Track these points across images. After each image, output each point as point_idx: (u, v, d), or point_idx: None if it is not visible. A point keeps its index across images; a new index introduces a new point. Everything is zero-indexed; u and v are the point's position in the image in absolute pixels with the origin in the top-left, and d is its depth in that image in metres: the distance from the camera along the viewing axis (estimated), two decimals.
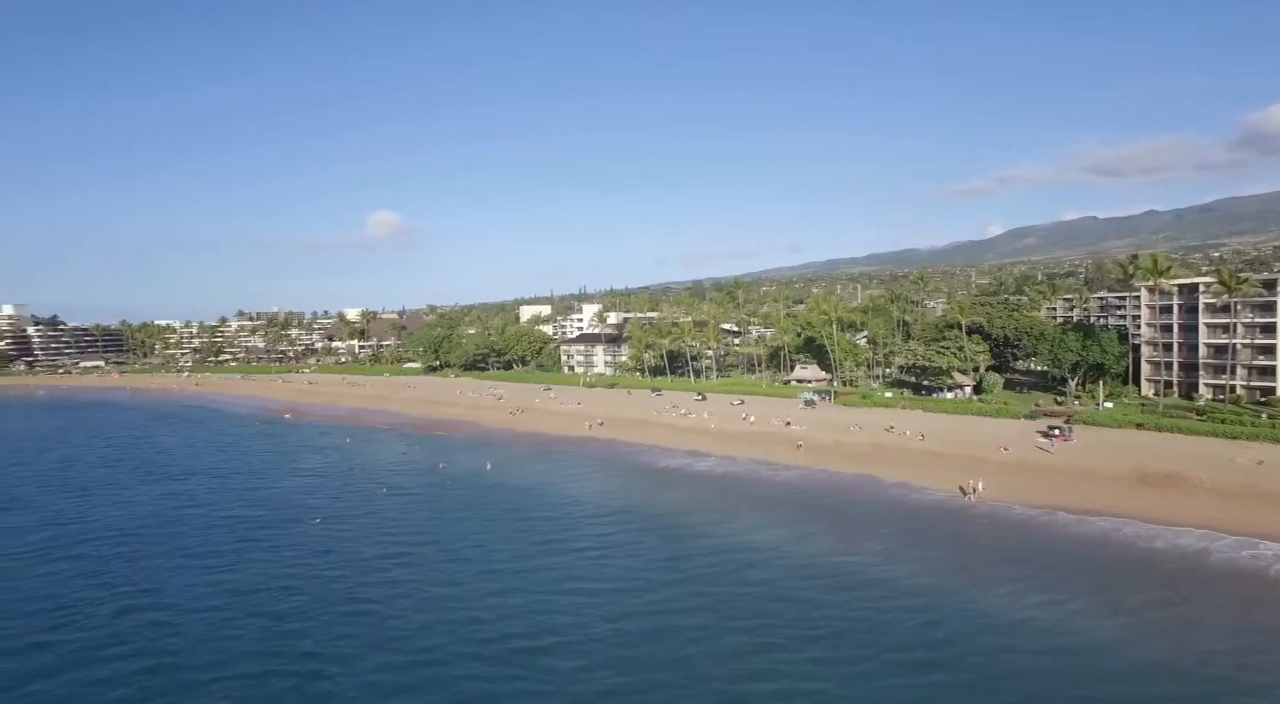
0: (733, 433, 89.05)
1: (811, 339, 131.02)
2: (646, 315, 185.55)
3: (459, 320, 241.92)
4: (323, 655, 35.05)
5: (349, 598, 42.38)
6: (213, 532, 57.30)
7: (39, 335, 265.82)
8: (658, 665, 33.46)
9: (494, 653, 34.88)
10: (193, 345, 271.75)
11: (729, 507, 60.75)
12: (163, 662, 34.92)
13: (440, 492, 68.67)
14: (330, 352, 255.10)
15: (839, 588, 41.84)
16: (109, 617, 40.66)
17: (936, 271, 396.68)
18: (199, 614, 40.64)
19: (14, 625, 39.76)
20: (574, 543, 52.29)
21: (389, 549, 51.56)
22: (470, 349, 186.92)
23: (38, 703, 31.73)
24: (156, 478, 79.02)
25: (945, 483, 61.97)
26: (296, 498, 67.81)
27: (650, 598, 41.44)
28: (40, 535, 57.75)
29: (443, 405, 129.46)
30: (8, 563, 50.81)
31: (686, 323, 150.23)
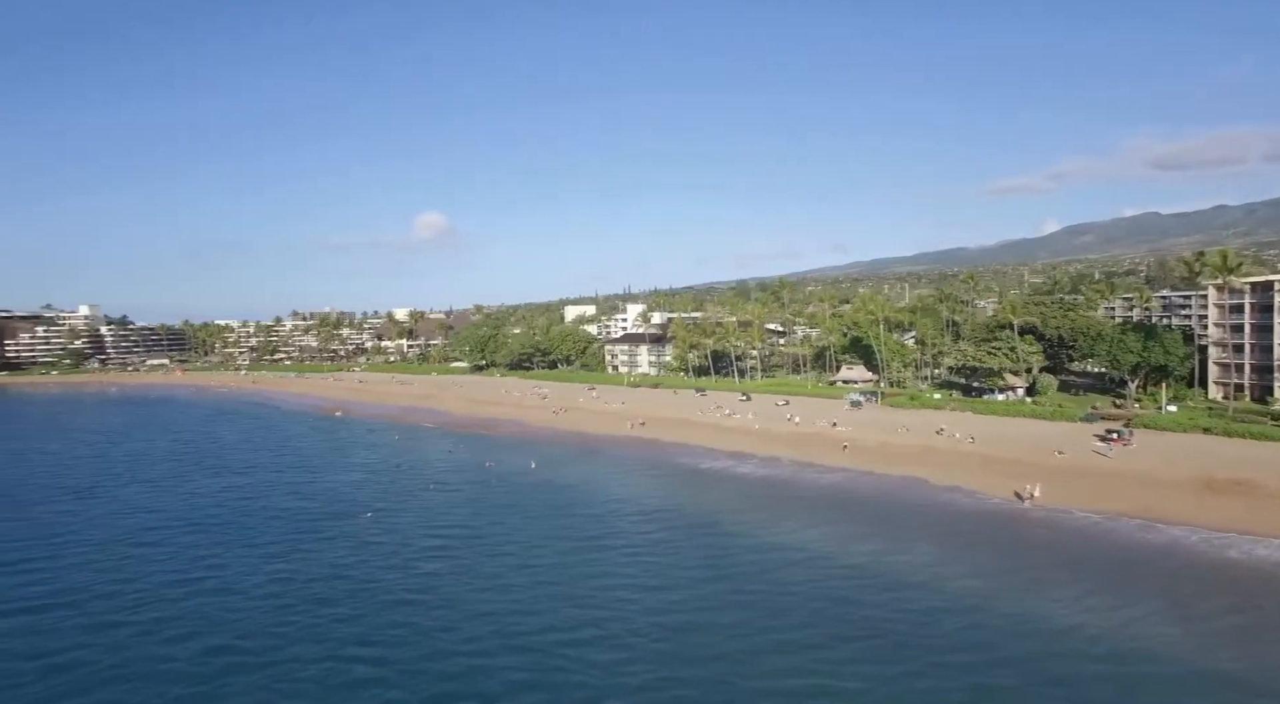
0: (777, 434, 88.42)
1: (858, 339, 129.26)
2: (691, 315, 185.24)
3: (505, 320, 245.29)
4: (373, 642, 36.20)
5: (398, 588, 43.58)
6: (271, 523, 59.33)
7: (111, 335, 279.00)
8: (698, 661, 33.63)
9: (537, 644, 35.55)
10: (250, 344, 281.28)
11: (772, 507, 60.36)
12: (225, 643, 36.44)
13: (485, 489, 69.82)
14: (380, 351, 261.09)
15: (884, 590, 41.26)
16: (177, 599, 42.56)
17: (987, 271, 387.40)
18: (258, 600, 42.21)
19: (94, 604, 42.05)
20: (616, 540, 52.68)
21: (436, 542, 52.75)
22: (516, 349, 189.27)
23: (114, 675, 33.42)
24: (218, 471, 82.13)
25: (998, 487, 60.47)
26: (348, 493, 69.72)
27: (691, 595, 41.66)
28: (115, 522, 60.64)
29: (488, 404, 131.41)
30: (87, 548, 53.54)
31: (731, 323, 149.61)
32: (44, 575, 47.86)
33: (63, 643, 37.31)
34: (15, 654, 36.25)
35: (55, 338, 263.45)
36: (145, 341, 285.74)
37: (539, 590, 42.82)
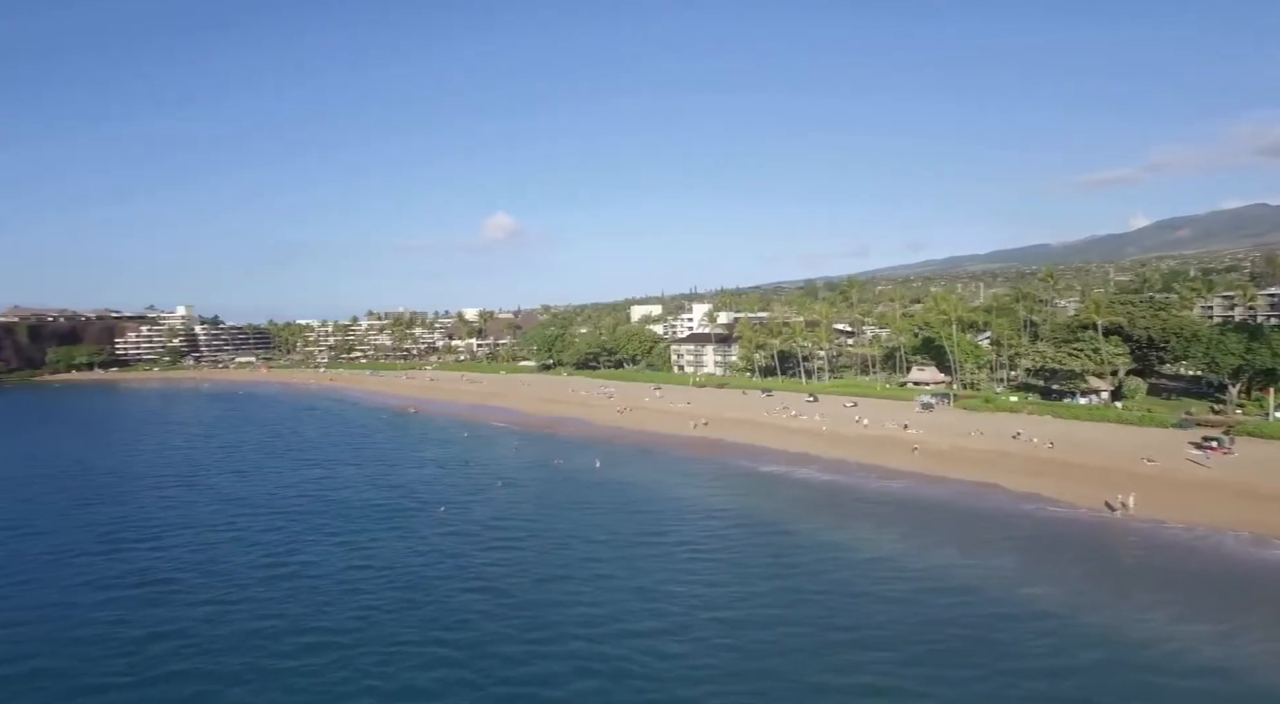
0: (845, 435, 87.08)
1: (930, 340, 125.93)
2: (757, 315, 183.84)
3: (571, 320, 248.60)
4: (447, 628, 37.85)
5: (471, 578, 45.24)
6: (351, 514, 62.04)
7: (204, 333, 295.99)
8: (760, 656, 33.99)
9: (602, 634, 36.69)
10: (328, 343, 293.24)
11: (838, 510, 59.59)
12: (306, 625, 38.54)
13: (551, 485, 71.23)
14: (450, 350, 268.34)
15: (955, 597, 40.32)
16: (265, 582, 45.11)
17: (1069, 268, 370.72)
18: (340, 589, 44.27)
19: (194, 583, 45.03)
20: (678, 538, 53.11)
21: (506, 536, 54.30)
22: (582, 348, 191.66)
23: (208, 646, 35.87)
24: (302, 464, 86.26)
25: (1081, 495, 58.06)
26: (422, 486, 72.25)
27: (754, 592, 41.90)
28: (210, 509, 64.59)
29: (555, 403, 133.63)
30: (186, 532, 57.29)
31: (798, 323, 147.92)
32: (152, 555, 51.54)
33: (166, 615, 40.32)
34: (129, 622, 39.52)
35: (157, 337, 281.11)
36: (234, 340, 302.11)
37: (604, 583, 43.99)
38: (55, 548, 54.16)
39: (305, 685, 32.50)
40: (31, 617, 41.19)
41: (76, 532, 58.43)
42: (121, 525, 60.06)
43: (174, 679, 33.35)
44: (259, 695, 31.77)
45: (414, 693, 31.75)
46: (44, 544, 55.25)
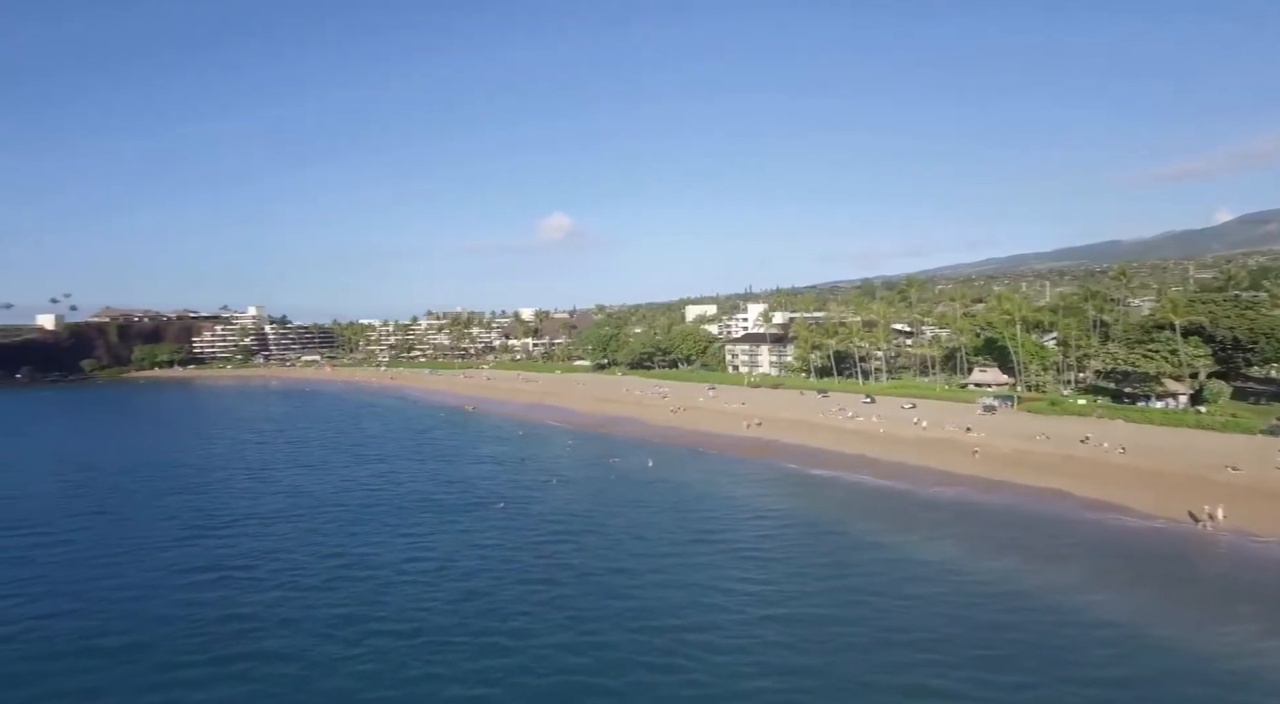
0: (903, 438, 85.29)
1: (992, 340, 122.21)
2: (813, 315, 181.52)
3: (626, 320, 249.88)
4: (506, 621, 38.78)
5: (529, 575, 46.05)
6: (412, 509, 63.72)
7: (273, 333, 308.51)
8: (812, 656, 33.88)
9: (657, 629, 37.16)
10: (389, 342, 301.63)
11: (895, 514, 58.43)
12: (370, 613, 39.86)
13: (604, 484, 71.84)
14: (507, 349, 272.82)
15: (1015, 607, 39.00)
16: (329, 572, 46.81)
17: (1144, 265, 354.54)
18: (402, 580, 45.67)
19: (263, 571, 47.11)
20: (731, 538, 53.06)
21: (563, 532, 55.21)
22: (637, 348, 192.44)
23: (276, 628, 37.37)
24: (366, 460, 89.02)
25: (1157, 505, 55.40)
26: (480, 482, 73.87)
27: (807, 594, 41.72)
28: (280, 501, 67.32)
29: (610, 402, 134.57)
30: (255, 524, 59.87)
31: (855, 323, 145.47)
32: (224, 543, 54.18)
33: (236, 599, 42.42)
34: (203, 604, 41.74)
35: (230, 336, 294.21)
36: (301, 339, 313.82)
37: (658, 578, 44.60)
38: (140, 534, 57.41)
39: (366, 670, 33.67)
40: (122, 596, 43.86)
41: (159, 520, 61.75)
42: (198, 515, 63.28)
43: (242, 659, 34.99)
44: (322, 678, 33.02)
45: (472, 680, 32.57)
46: (131, 531, 58.61)
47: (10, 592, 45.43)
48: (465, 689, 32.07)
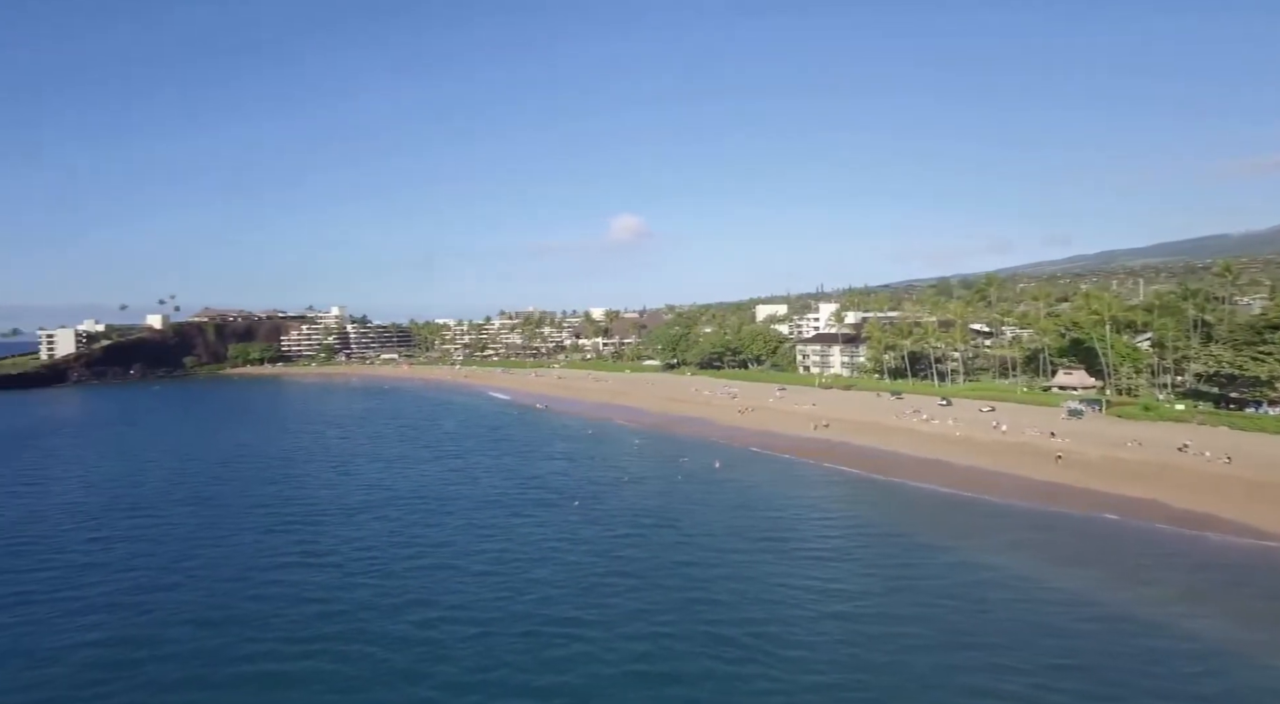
0: (980, 442, 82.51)
1: (1079, 341, 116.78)
2: (887, 315, 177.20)
3: (696, 319, 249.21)
4: (580, 613, 39.97)
5: (604, 570, 47.23)
6: (489, 505, 65.54)
7: (354, 332, 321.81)
8: (884, 667, 33.51)
9: (727, 633, 37.47)
10: (463, 341, 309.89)
11: (971, 521, 56.69)
12: (448, 602, 41.37)
13: (673, 484, 72.31)
14: (577, 348, 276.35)
15: (1098, 622, 37.44)
16: (406, 563, 48.81)
17: (1254, 260, 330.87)
18: (477, 573, 47.27)
19: (346, 559, 49.49)
20: (798, 541, 52.82)
21: (634, 531, 55.93)
22: (706, 348, 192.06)
23: (354, 616, 39.29)
24: (443, 456, 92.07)
25: (1264, 520, 51.95)
26: (555, 478, 75.56)
27: (875, 600, 41.38)
28: (361, 495, 70.35)
29: (678, 402, 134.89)
30: (340, 514, 62.89)
31: (930, 323, 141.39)
32: (311, 532, 57.18)
33: (320, 583, 44.68)
34: (289, 585, 44.14)
35: (315, 334, 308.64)
36: (380, 338, 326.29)
37: (727, 581, 44.78)
38: (236, 521, 61.30)
39: (446, 654, 35.09)
40: (219, 576, 47.02)
41: (252, 508, 65.70)
42: (287, 504, 66.99)
43: (325, 640, 37.07)
44: (406, 663, 34.53)
45: (548, 667, 33.62)
46: (228, 518, 62.56)
47: (133, 566, 50.05)
48: (540, 675, 33.05)
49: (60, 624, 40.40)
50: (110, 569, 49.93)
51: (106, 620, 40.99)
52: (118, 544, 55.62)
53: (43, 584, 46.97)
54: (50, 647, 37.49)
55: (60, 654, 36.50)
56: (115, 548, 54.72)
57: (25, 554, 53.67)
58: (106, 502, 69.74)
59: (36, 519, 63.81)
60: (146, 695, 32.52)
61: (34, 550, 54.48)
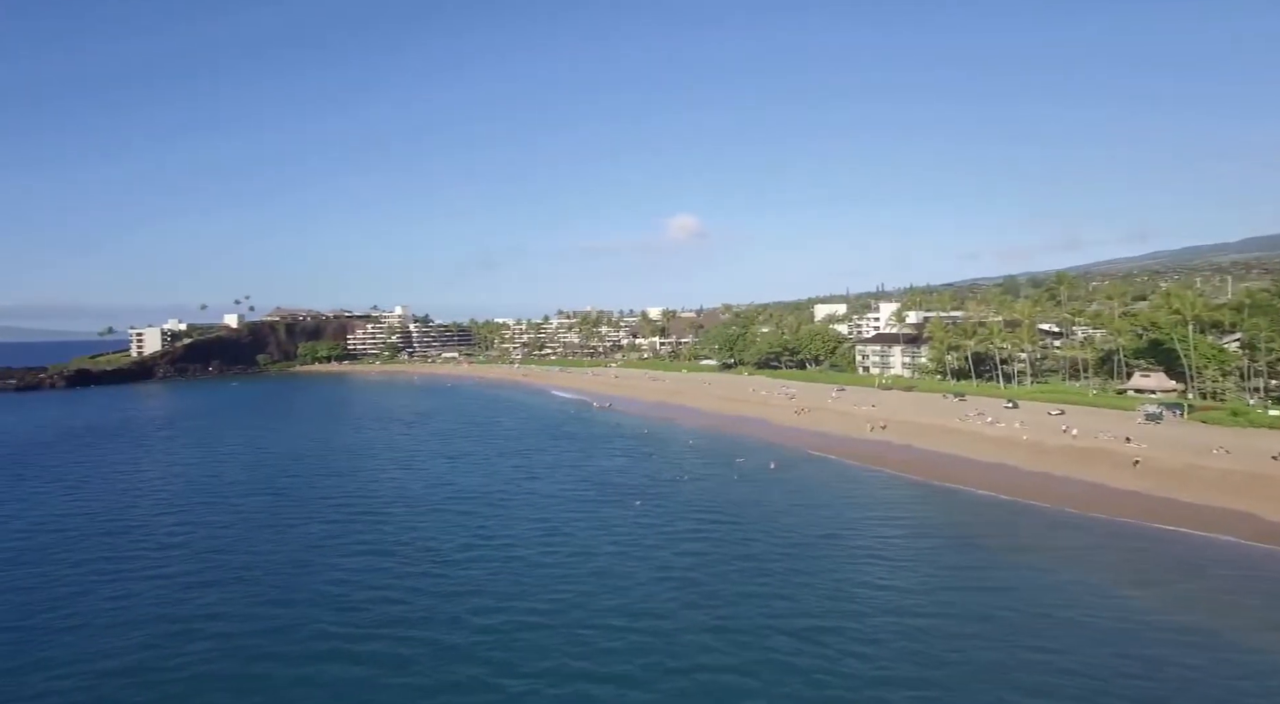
0: (1049, 446, 79.55)
1: (1157, 342, 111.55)
2: (950, 314, 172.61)
3: (753, 319, 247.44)
4: (642, 615, 40.21)
5: (668, 565, 47.88)
6: (551, 503, 66.45)
7: (416, 331, 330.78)
8: (943, 666, 33.15)
9: (793, 627, 37.94)
10: (522, 340, 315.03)
11: (1038, 529, 54.70)
12: (507, 601, 42.15)
13: (730, 483, 72.15)
14: (634, 348, 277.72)
15: (1175, 645, 35.18)
16: (470, 558, 49.96)
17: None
18: (543, 567, 48.18)
19: (407, 554, 51.02)
20: (858, 543, 52.13)
21: (695, 530, 56.19)
22: (764, 347, 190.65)
23: (408, 612, 40.46)
24: (505, 453, 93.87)
25: None
26: (616, 475, 76.45)
27: (936, 603, 40.76)
28: (427, 491, 72.36)
29: (735, 402, 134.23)
30: (406, 510, 64.81)
31: (996, 323, 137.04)
32: (373, 526, 59.16)
33: (381, 579, 46.21)
34: (351, 582, 45.69)
35: (379, 333, 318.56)
36: (441, 337, 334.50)
37: (791, 578, 45.22)
38: (304, 513, 63.92)
39: (502, 658, 35.66)
40: (285, 563, 49.23)
41: (317, 502, 68.33)
42: (351, 498, 69.45)
43: (382, 639, 37.96)
44: (455, 655, 35.41)
45: (607, 670, 33.84)
46: (297, 509, 65.30)
47: (214, 549, 53.17)
48: (600, 664, 33.53)
49: (150, 596, 43.19)
50: (192, 552, 53.24)
51: (187, 597, 43.58)
52: (199, 530, 58.88)
53: (135, 562, 50.53)
54: (139, 618, 40.26)
55: (144, 624, 39.17)
56: (197, 533, 57.99)
57: (121, 533, 58.59)
58: (190, 490, 73.89)
59: (132, 504, 68.24)
60: (219, 668, 34.39)
61: (130, 532, 58.95)
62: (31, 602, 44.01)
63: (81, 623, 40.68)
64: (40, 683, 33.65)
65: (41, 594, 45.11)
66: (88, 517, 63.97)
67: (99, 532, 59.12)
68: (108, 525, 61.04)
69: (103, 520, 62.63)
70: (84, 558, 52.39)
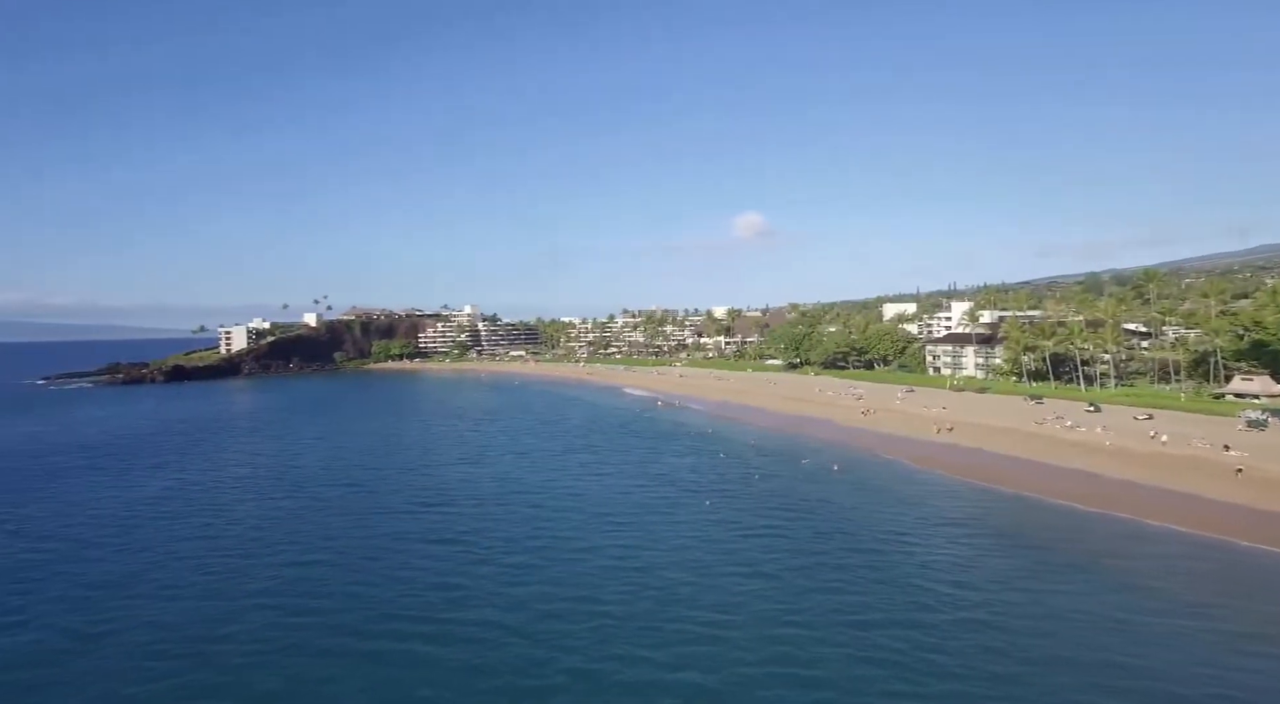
0: (1136, 453, 75.73)
1: (1261, 343, 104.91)
2: (1026, 314, 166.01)
3: (820, 318, 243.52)
4: (718, 598, 41.17)
5: (742, 562, 48.30)
6: (618, 499, 67.05)
7: (485, 329, 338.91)
8: (1015, 676, 32.19)
9: (864, 621, 38.33)
10: (587, 339, 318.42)
11: (1120, 541, 51.92)
12: (578, 594, 42.86)
13: (795, 483, 71.56)
14: (699, 347, 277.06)
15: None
16: (539, 552, 51.09)
17: None
18: (610, 563, 48.70)
19: (475, 547, 52.51)
20: (927, 546, 51.03)
21: (764, 529, 56.36)
22: (830, 347, 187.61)
23: (485, 598, 41.50)
24: (573, 449, 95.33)
25: None
26: (682, 475, 76.69)
27: (1006, 607, 39.87)
28: (495, 486, 74.15)
29: (800, 402, 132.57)
30: (471, 503, 66.68)
31: (1076, 322, 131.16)
32: (443, 519, 61.14)
33: (448, 568, 47.94)
34: (419, 565, 47.44)
35: (448, 332, 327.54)
36: (508, 336, 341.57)
37: (861, 572, 45.51)
38: (377, 505, 66.63)
39: (574, 646, 36.41)
40: (357, 552, 51.52)
41: (389, 494, 71.01)
42: (422, 492, 71.80)
43: (451, 625, 39.29)
44: (530, 648, 36.26)
45: (683, 665, 34.17)
46: (370, 501, 68.12)
47: (292, 539, 55.96)
48: (676, 673, 33.68)
49: (244, 572, 46.26)
50: (279, 533, 57.48)
51: (277, 574, 46.79)
52: (284, 519, 62.04)
53: (228, 542, 54.29)
54: (231, 591, 43.58)
55: (235, 596, 41.84)
56: (283, 519, 61.64)
57: (205, 513, 63.73)
58: (273, 480, 78.03)
59: (224, 492, 72.63)
60: (301, 638, 36.40)
61: (221, 515, 63.59)
62: (138, 571, 48.20)
63: (179, 593, 44.63)
64: (154, 644, 36.77)
65: (147, 568, 48.78)
66: (186, 500, 68.84)
67: (196, 511, 64.10)
68: (198, 512, 65.31)
69: (200, 505, 67.35)
70: (185, 534, 57.52)
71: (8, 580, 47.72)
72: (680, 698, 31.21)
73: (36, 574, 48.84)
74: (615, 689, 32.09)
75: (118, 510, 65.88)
